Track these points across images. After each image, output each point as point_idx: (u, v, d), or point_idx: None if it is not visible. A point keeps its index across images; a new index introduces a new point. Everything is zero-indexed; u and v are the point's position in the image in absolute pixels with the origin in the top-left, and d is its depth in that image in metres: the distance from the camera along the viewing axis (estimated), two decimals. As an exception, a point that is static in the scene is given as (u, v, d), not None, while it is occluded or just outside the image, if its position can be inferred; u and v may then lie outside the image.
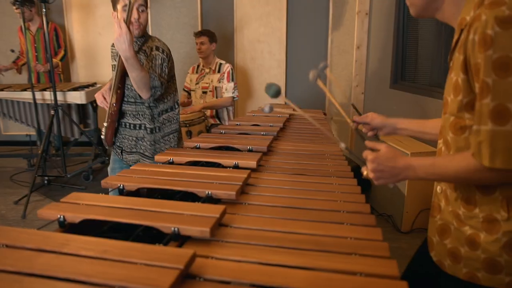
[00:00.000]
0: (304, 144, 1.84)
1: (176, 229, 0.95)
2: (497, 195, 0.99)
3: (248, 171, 1.36)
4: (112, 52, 2.23)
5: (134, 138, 2.17)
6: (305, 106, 4.83)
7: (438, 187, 1.17)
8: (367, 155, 1.10)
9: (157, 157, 1.55)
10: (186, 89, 4.06)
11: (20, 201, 3.44)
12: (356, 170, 1.37)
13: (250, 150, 1.65)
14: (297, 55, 4.86)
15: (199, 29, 4.74)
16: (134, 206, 1.07)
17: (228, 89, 3.80)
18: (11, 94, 3.85)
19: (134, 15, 1.99)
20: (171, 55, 2.16)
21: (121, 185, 1.25)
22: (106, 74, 4.80)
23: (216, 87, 3.84)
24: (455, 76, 1.00)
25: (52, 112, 3.56)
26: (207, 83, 3.88)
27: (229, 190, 1.18)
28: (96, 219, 1.02)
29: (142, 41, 2.11)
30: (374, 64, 4.02)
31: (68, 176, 3.71)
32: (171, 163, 1.52)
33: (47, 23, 4.34)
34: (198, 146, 1.71)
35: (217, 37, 3.88)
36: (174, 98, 2.21)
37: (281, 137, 1.97)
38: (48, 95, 3.68)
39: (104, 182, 1.27)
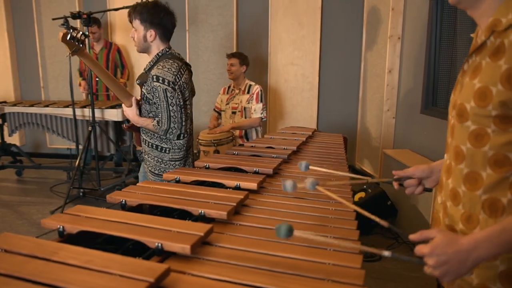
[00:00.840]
0: (313, 168, 1.86)
1: (159, 244, 1.01)
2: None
3: (246, 192, 1.40)
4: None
5: (145, 152, 2.27)
6: (337, 128, 4.83)
7: (439, 197, 1.11)
8: (421, 250, 0.88)
9: (165, 175, 1.63)
10: (216, 109, 4.17)
11: (56, 211, 3.64)
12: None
13: (256, 172, 1.70)
14: (330, 78, 4.89)
15: (235, 50, 4.89)
16: (128, 220, 1.14)
17: (256, 110, 3.88)
18: (55, 110, 4.12)
19: (131, 33, 2.15)
20: (177, 80, 2.11)
21: (123, 200, 1.33)
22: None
23: (245, 108, 3.93)
24: (481, 83, 0.90)
25: (90, 128, 3.77)
26: (236, 104, 3.98)
27: (221, 210, 1.23)
28: (91, 231, 1.10)
29: (151, 65, 2.18)
30: (406, 88, 3.97)
31: (102, 189, 3.89)
32: (177, 181, 1.59)
33: (111, 43, 4.65)
34: (207, 166, 1.78)
35: (249, 60, 3.98)
36: (184, 123, 2.17)
37: (292, 160, 2.00)
38: (87, 112, 3.91)
39: (109, 197, 1.36)
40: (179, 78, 2.12)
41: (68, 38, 2.02)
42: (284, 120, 5.02)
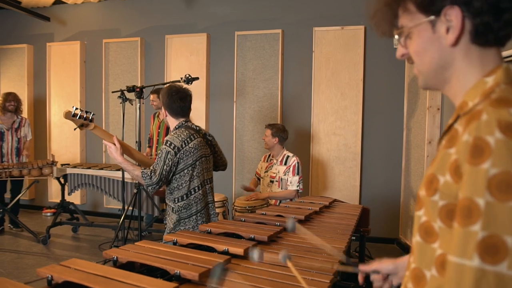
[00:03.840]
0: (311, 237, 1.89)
1: (122, 298, 1.12)
2: None
3: (227, 257, 1.48)
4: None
5: (167, 214, 2.47)
6: (380, 199, 4.74)
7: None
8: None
9: (165, 237, 1.76)
10: (257, 175, 4.31)
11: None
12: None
13: (251, 239, 1.77)
14: (373, 148, 4.90)
15: (278, 121, 5.11)
16: (107, 275, 1.27)
17: (293, 182, 3.95)
18: (107, 172, 4.51)
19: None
20: (184, 146, 2.38)
21: (115, 257, 1.47)
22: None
23: (281, 179, 4.03)
24: (431, 170, 0.80)
25: (135, 190, 4.06)
26: (274, 173, 4.09)
27: (194, 271, 1.32)
28: (73, 282, 1.24)
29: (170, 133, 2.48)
30: (446, 161, 3.88)
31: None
32: (175, 243, 1.71)
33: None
34: (209, 231, 1.89)
35: (285, 132, 4.11)
36: (189, 186, 2.41)
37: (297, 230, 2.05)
38: (135, 175, 4.23)
39: (104, 253, 1.51)
40: (186, 144, 2.41)
41: (71, 116, 2.31)
42: (327, 190, 5.03)
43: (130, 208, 4.22)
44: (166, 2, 5.69)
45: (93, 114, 2.40)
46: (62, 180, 4.87)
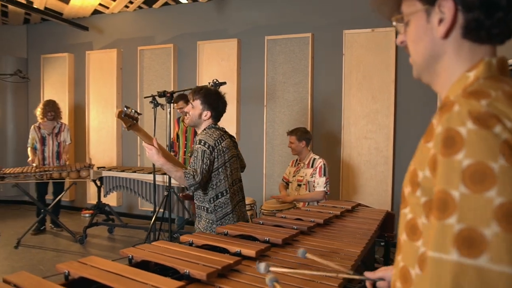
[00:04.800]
0: (329, 241, 1.89)
1: (129, 294, 1.17)
2: None
3: (238, 258, 1.51)
4: None
5: (199, 216, 2.51)
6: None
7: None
8: None
9: (181, 237, 1.80)
10: (284, 180, 4.32)
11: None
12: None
13: (266, 241, 1.79)
14: (405, 152, 4.78)
15: (309, 125, 5.10)
16: (119, 272, 1.33)
17: (319, 184, 3.94)
18: (140, 175, 4.65)
19: (187, 108, 2.52)
20: (217, 145, 2.42)
21: (131, 256, 1.53)
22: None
23: (308, 181, 4.02)
24: (413, 166, 0.79)
25: (166, 193, 4.17)
26: (301, 177, 4.09)
27: (202, 271, 1.35)
28: (88, 278, 1.31)
29: (199, 134, 2.53)
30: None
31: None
32: (190, 244, 1.75)
33: None
34: (226, 233, 1.92)
35: (309, 134, 4.11)
36: (225, 185, 2.46)
37: (315, 233, 2.05)
38: (166, 178, 4.34)
39: (121, 252, 1.57)
40: (219, 143, 2.45)
41: (123, 115, 2.41)
42: (358, 195, 4.96)
43: (161, 210, 4.34)
44: (198, 9, 5.82)
45: (139, 114, 2.51)
46: (98, 183, 5.07)
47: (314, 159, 4.06)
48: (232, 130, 5.56)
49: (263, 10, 5.46)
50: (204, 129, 2.52)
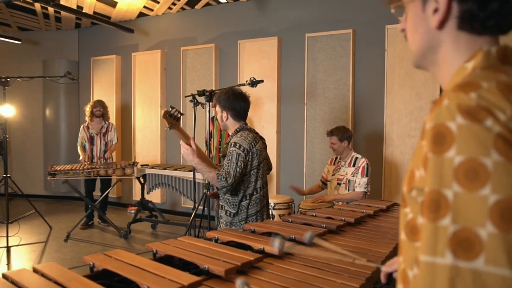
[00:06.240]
0: (358, 240, 1.83)
1: (146, 287, 1.19)
2: None
3: (259, 255, 1.50)
4: None
5: (220, 217, 2.52)
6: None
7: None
8: None
9: (208, 234, 1.82)
10: (322, 179, 4.25)
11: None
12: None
13: (292, 239, 1.77)
14: (452, 151, 4.56)
15: (350, 123, 4.99)
16: (141, 265, 1.36)
17: (361, 184, 3.84)
18: (180, 173, 4.76)
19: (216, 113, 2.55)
20: (251, 148, 2.44)
21: (155, 250, 1.56)
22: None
23: (349, 180, 3.92)
24: (411, 165, 0.75)
25: (205, 190, 4.22)
26: (342, 176, 4.00)
27: (221, 267, 1.36)
28: (111, 270, 1.35)
29: (230, 139, 2.53)
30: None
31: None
32: (216, 240, 1.76)
33: None
34: (253, 230, 1.92)
35: (349, 132, 4.00)
36: (255, 186, 2.48)
37: (344, 232, 1.99)
38: (205, 176, 4.41)
39: (147, 246, 1.61)
40: (253, 146, 2.47)
41: (168, 116, 2.49)
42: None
43: (201, 207, 4.40)
44: (239, 9, 5.85)
45: (182, 115, 2.59)
46: (142, 180, 5.24)
47: (357, 158, 3.94)
48: (272, 129, 5.55)
49: (303, 7, 5.41)
50: (237, 131, 2.54)
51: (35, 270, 1.35)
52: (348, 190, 3.91)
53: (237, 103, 2.55)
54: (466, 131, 0.60)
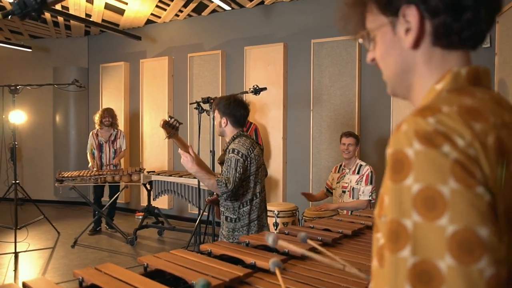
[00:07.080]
0: (353, 254, 1.81)
1: (130, 305, 1.19)
2: None
3: (248, 270, 1.49)
4: None
5: (222, 222, 2.54)
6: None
7: None
8: None
9: (201, 246, 1.82)
10: (327, 186, 4.22)
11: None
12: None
13: (285, 253, 1.75)
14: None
15: (356, 129, 4.95)
16: (129, 281, 1.36)
17: (365, 192, 3.80)
18: (185, 180, 4.77)
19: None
20: (249, 153, 2.47)
21: (146, 264, 1.56)
22: (274, 167, 5.39)
23: (353, 188, 3.89)
24: (382, 189, 0.72)
25: (209, 197, 4.23)
26: (346, 183, 3.97)
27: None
28: (98, 285, 1.35)
29: (228, 145, 2.55)
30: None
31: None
32: (209, 253, 1.76)
33: (250, 123, 5.26)
34: (248, 243, 1.90)
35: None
36: (254, 191, 2.51)
37: (340, 245, 1.97)
38: (210, 183, 4.42)
39: (139, 259, 1.61)
40: (251, 152, 2.50)
41: (166, 125, 2.52)
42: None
43: (206, 213, 4.41)
44: (245, 15, 5.87)
45: (181, 124, 2.62)
46: (148, 186, 5.27)
47: (361, 165, 3.91)
48: (278, 135, 5.54)
49: (308, 13, 5.40)
50: (234, 138, 2.55)
51: (24, 286, 1.36)
52: (353, 198, 3.88)
53: (237, 110, 2.57)
54: (423, 157, 0.58)
